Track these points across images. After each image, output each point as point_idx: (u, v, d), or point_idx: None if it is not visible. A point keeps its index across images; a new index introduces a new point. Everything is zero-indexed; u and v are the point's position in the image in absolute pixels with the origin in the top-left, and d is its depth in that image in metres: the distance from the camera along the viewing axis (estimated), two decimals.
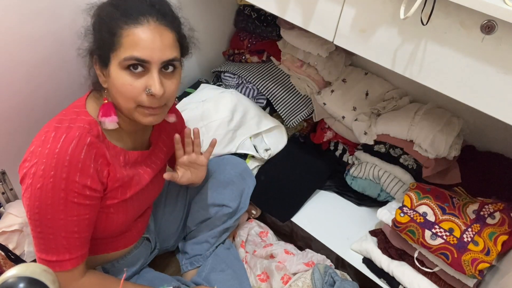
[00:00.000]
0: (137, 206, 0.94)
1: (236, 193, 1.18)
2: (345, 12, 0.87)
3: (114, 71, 0.76)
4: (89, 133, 0.76)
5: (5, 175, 1.12)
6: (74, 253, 0.80)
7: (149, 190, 0.96)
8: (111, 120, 0.80)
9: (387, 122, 1.27)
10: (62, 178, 0.73)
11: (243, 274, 1.16)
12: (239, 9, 1.58)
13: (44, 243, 0.78)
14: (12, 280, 0.63)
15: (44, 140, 0.75)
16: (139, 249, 1.05)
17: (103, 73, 0.79)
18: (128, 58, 0.73)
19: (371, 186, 1.33)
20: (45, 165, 0.73)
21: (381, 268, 1.14)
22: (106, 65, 0.77)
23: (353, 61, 1.53)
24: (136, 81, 0.75)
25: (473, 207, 1.03)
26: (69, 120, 0.77)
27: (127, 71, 0.75)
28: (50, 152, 0.73)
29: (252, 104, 1.41)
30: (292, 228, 1.35)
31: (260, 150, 1.38)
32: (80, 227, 0.78)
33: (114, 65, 0.75)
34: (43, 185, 0.73)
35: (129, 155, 0.86)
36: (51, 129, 0.76)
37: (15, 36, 0.96)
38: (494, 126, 1.24)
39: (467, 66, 0.75)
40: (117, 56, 0.74)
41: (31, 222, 0.77)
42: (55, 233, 0.77)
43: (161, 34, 0.75)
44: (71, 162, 0.73)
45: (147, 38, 0.73)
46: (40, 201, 0.74)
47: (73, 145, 0.74)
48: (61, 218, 0.75)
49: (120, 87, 0.76)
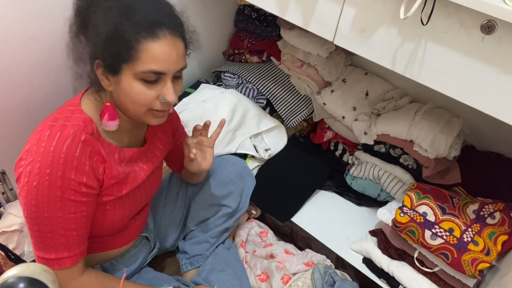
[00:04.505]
0: (134, 203, 0.94)
1: (236, 193, 1.18)
2: (345, 12, 0.87)
3: (126, 81, 0.76)
4: (83, 130, 0.76)
5: (5, 175, 1.12)
6: (73, 251, 0.80)
7: (146, 187, 0.96)
8: (115, 123, 0.81)
9: (387, 122, 1.27)
10: (57, 176, 0.73)
11: (243, 274, 1.16)
12: (239, 9, 1.58)
13: (42, 241, 0.78)
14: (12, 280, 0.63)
15: (39, 139, 0.75)
16: (138, 248, 1.05)
17: (108, 78, 0.78)
18: (146, 71, 0.75)
19: (371, 186, 1.33)
20: (40, 163, 0.73)
21: (381, 268, 1.14)
22: (115, 73, 0.76)
23: (353, 61, 1.53)
24: (149, 90, 0.77)
25: (473, 207, 1.03)
26: (64, 118, 0.78)
27: (140, 81, 0.76)
28: (45, 151, 0.73)
29: (252, 104, 1.41)
30: (292, 228, 1.35)
31: (260, 150, 1.38)
32: (77, 224, 0.79)
33: (127, 75, 0.75)
34: (39, 183, 0.73)
35: (124, 152, 0.86)
36: (46, 127, 0.76)
37: (15, 36, 0.96)
38: (494, 126, 1.24)
39: (467, 66, 0.75)
40: (132, 68, 0.75)
41: (28, 220, 0.77)
42: (53, 231, 0.77)
43: (176, 46, 0.76)
44: (66, 159, 0.74)
45: (164, 52, 0.75)
46: (37, 200, 0.74)
47: (68, 143, 0.74)
48: (58, 215, 0.76)
49: (133, 96, 0.77)
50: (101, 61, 0.76)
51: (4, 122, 1.05)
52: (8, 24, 0.93)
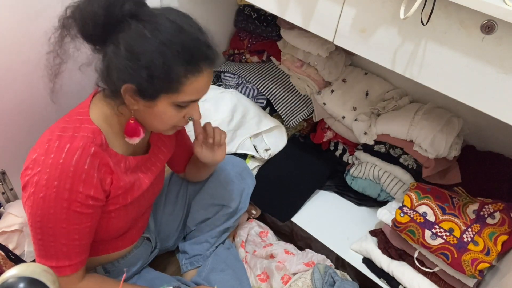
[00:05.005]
0: (138, 209, 0.94)
1: (236, 193, 1.18)
2: (345, 12, 0.87)
3: (161, 106, 0.76)
4: (93, 142, 0.75)
5: (5, 175, 1.12)
6: (74, 260, 0.80)
7: (150, 192, 0.96)
8: (141, 137, 0.83)
9: (387, 122, 1.27)
10: (65, 189, 0.73)
11: (243, 274, 1.16)
12: (239, 9, 1.58)
13: (44, 249, 0.78)
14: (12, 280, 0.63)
15: (47, 149, 0.74)
16: (140, 248, 1.05)
17: (136, 100, 0.76)
18: (187, 101, 0.77)
19: (371, 186, 1.33)
20: (48, 175, 0.72)
21: (381, 268, 1.14)
22: (151, 99, 0.75)
23: (353, 61, 1.53)
24: (180, 113, 0.80)
25: (473, 207, 1.03)
26: (73, 128, 0.76)
27: (175, 107, 0.77)
28: (54, 162, 0.72)
29: (252, 104, 1.41)
30: (292, 228, 1.35)
31: (260, 150, 1.38)
32: (81, 235, 0.79)
33: (164, 102, 0.76)
34: (45, 195, 0.73)
35: (129, 161, 0.85)
36: (54, 137, 0.75)
37: (15, 36, 0.96)
38: (494, 126, 1.24)
39: (467, 66, 0.75)
40: (171, 98, 0.75)
41: (32, 229, 0.77)
42: (56, 241, 0.77)
43: (211, 75, 0.79)
44: (75, 173, 0.73)
45: (205, 84, 0.78)
46: (42, 210, 0.74)
47: (77, 156, 0.73)
48: (63, 226, 0.76)
49: (163, 118, 0.79)
50: (135, 86, 0.72)
51: (4, 122, 1.05)
52: (8, 24, 0.93)
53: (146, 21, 0.71)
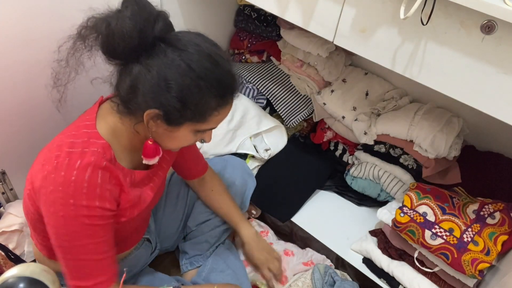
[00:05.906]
0: (142, 219, 0.95)
1: (237, 193, 1.18)
2: (345, 12, 0.87)
3: (183, 132, 0.77)
4: (103, 157, 0.74)
5: (5, 175, 1.12)
6: (108, 273, 0.79)
7: (153, 202, 0.96)
8: (159, 156, 0.83)
9: (387, 122, 1.27)
10: (82, 206, 0.72)
11: (243, 274, 1.16)
12: (239, 9, 1.58)
13: (76, 270, 0.77)
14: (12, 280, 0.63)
15: (57, 167, 0.72)
16: (140, 250, 1.05)
17: (157, 123, 0.74)
18: (208, 129, 0.79)
19: (371, 186, 1.33)
20: (62, 193, 0.71)
21: (381, 268, 1.14)
22: (174, 125, 0.75)
23: (353, 61, 1.53)
24: (197, 137, 0.81)
25: (473, 207, 1.03)
26: (81, 144, 0.74)
27: (195, 132, 0.78)
28: (65, 180, 0.71)
29: (252, 104, 1.41)
30: (292, 228, 1.35)
31: (260, 150, 1.38)
32: (109, 246, 0.79)
33: (187, 129, 0.76)
34: (65, 214, 0.72)
35: (135, 175, 0.85)
36: (63, 154, 0.73)
37: (15, 36, 0.96)
38: (494, 126, 1.24)
39: (467, 66, 0.75)
40: (196, 126, 0.76)
41: (61, 249, 0.76)
42: (88, 259, 0.76)
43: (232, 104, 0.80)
44: (89, 189, 0.72)
45: (228, 114, 0.80)
46: (66, 229, 0.73)
47: (89, 172, 0.72)
48: (90, 242, 0.75)
49: (181, 141, 0.81)
50: (161, 113, 0.71)
51: (5, 122, 1.05)
52: (8, 24, 0.93)
53: (179, 49, 0.70)
